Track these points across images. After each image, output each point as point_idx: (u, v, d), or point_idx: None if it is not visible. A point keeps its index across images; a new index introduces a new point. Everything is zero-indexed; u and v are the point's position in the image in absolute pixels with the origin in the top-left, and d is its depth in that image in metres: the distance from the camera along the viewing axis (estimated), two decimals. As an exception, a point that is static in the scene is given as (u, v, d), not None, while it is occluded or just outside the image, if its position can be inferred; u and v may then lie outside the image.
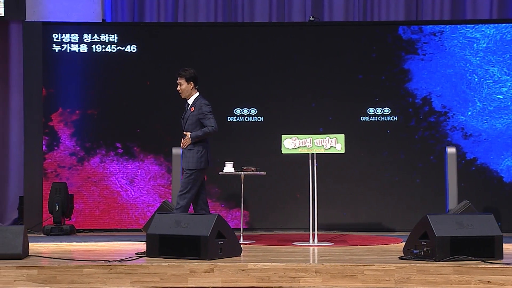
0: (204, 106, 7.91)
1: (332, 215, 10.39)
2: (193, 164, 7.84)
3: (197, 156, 7.85)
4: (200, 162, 7.86)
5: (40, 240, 9.11)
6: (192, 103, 7.99)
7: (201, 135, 7.87)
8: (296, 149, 8.49)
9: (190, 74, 8.01)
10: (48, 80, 10.60)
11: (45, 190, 10.43)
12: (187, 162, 7.87)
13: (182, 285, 6.45)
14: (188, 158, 7.87)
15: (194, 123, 7.91)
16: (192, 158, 7.85)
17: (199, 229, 6.92)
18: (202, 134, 7.86)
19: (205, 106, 7.92)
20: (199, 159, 7.85)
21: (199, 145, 7.88)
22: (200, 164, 7.87)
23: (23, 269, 6.45)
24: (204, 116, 7.88)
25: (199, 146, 7.88)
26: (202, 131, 7.86)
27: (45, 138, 10.58)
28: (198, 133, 7.86)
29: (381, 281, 6.36)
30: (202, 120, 7.88)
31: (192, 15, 11.46)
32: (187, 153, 7.89)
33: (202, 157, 7.88)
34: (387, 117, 10.67)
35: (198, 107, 7.92)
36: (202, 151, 7.89)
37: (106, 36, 10.70)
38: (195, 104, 7.95)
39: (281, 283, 6.43)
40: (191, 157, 7.85)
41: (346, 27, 10.97)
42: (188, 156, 7.88)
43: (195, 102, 7.97)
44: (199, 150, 7.87)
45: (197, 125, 7.90)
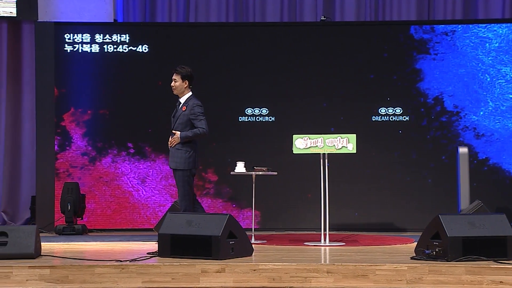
0: (196, 106, 7.81)
1: (343, 215, 10.37)
2: (180, 164, 7.74)
3: (185, 156, 7.76)
4: (188, 163, 7.77)
5: (52, 239, 9.14)
6: (184, 102, 7.89)
7: (191, 136, 7.77)
8: (308, 149, 8.48)
9: (186, 72, 7.92)
10: (60, 80, 10.64)
11: (57, 190, 10.46)
12: (175, 162, 7.77)
13: (193, 285, 6.46)
14: (176, 158, 7.77)
15: (185, 122, 7.81)
16: (180, 159, 7.75)
17: (210, 229, 6.93)
18: (192, 135, 7.77)
19: (197, 107, 7.82)
20: (187, 160, 7.76)
21: (187, 146, 7.79)
22: (188, 165, 7.77)
23: (36, 269, 6.47)
24: (195, 117, 7.78)
25: (187, 147, 7.79)
26: (193, 132, 7.76)
27: (57, 138, 10.61)
28: (188, 134, 7.76)
29: (393, 281, 6.34)
30: (193, 121, 7.78)
31: (204, 15, 11.47)
32: (175, 152, 7.79)
33: (190, 157, 7.78)
34: (398, 117, 10.65)
35: (190, 107, 7.82)
36: (190, 152, 7.79)
37: (117, 36, 10.72)
38: (187, 104, 7.85)
39: (293, 283, 6.42)
40: (178, 157, 7.76)
41: (358, 27, 10.95)
42: (175, 156, 7.78)
43: (188, 101, 7.88)
44: (187, 151, 7.77)
45: (187, 125, 7.80)
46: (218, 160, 10.61)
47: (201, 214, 7.63)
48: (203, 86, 10.65)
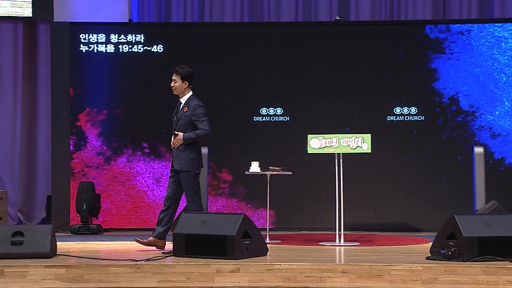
0: (198, 107, 7.74)
1: (358, 215, 10.35)
2: (185, 165, 7.67)
3: (188, 157, 7.68)
4: (193, 164, 7.70)
5: (68, 239, 9.17)
6: (185, 102, 7.82)
7: (194, 138, 7.70)
8: (322, 149, 8.47)
9: (186, 73, 7.83)
10: (75, 80, 10.67)
11: (72, 189, 10.50)
12: (179, 164, 7.70)
13: (208, 284, 6.47)
14: (180, 160, 7.71)
15: (187, 123, 7.74)
16: (184, 160, 7.68)
17: (225, 228, 6.93)
18: (194, 137, 7.69)
19: (199, 108, 7.74)
20: (191, 161, 7.69)
21: (191, 147, 7.72)
22: (193, 166, 7.70)
23: (51, 268, 6.50)
24: (197, 118, 7.71)
25: (191, 148, 7.71)
26: (195, 134, 7.69)
27: (73, 138, 10.64)
28: (191, 135, 7.69)
29: (408, 281, 6.33)
30: (196, 122, 7.71)
31: (218, 15, 11.48)
32: (179, 154, 7.72)
33: (193, 159, 7.72)
34: (414, 116, 10.61)
35: (191, 108, 7.74)
36: (193, 153, 7.72)
37: (132, 36, 10.74)
38: (188, 104, 7.77)
39: (307, 283, 6.42)
40: (182, 158, 7.69)
41: (373, 27, 10.93)
42: (179, 158, 7.72)
43: (188, 102, 7.80)
44: (191, 152, 7.70)
45: (189, 126, 7.73)
46: (233, 159, 10.61)
47: (216, 214, 7.63)
48: (218, 86, 10.70)
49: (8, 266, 6.50)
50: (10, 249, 6.94)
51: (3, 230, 7.09)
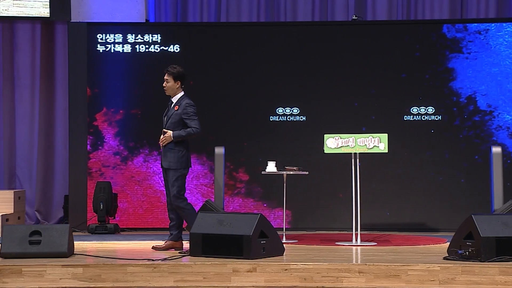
0: (189, 106, 7.75)
1: (375, 215, 10.33)
2: (173, 164, 7.69)
3: (177, 156, 7.70)
4: (181, 162, 7.72)
5: (85, 238, 9.21)
6: (177, 101, 7.83)
7: (184, 136, 7.71)
8: (339, 149, 8.46)
9: (178, 73, 7.84)
10: (92, 80, 10.71)
11: (89, 189, 10.54)
12: (168, 162, 7.72)
13: (225, 284, 6.47)
14: (169, 158, 7.72)
15: (177, 122, 7.74)
16: (173, 158, 7.70)
17: (242, 228, 6.94)
18: (185, 135, 7.71)
19: (190, 106, 7.75)
20: (180, 159, 7.71)
21: (180, 145, 7.74)
22: (181, 164, 7.72)
23: (69, 268, 6.53)
24: (188, 116, 7.72)
25: (180, 146, 7.74)
26: (186, 132, 7.70)
27: (90, 137, 10.68)
28: (181, 133, 7.70)
29: (425, 282, 6.31)
30: (186, 120, 7.72)
31: (235, 15, 11.48)
32: (168, 152, 7.74)
33: (183, 157, 7.73)
34: (431, 116, 10.58)
35: (182, 107, 7.75)
36: (183, 151, 7.73)
37: (149, 36, 10.77)
38: (180, 103, 7.79)
39: (324, 283, 6.41)
40: (172, 157, 7.70)
41: (390, 26, 10.90)
42: (168, 156, 7.73)
43: (180, 101, 7.81)
44: (180, 150, 7.72)
45: (180, 124, 7.74)
46: (249, 159, 10.62)
47: (232, 213, 7.63)
48: (234, 85, 10.71)
49: (26, 265, 6.54)
50: (28, 249, 6.98)
51: (21, 230, 7.14)
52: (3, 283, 6.45)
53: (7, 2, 10.63)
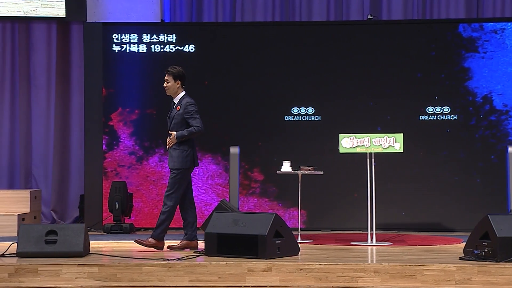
0: (190, 105, 7.74)
1: (390, 215, 10.30)
2: (178, 163, 7.68)
3: (182, 155, 7.69)
4: (186, 162, 7.71)
5: (100, 238, 9.24)
6: (178, 102, 7.81)
7: (187, 135, 7.69)
8: (354, 148, 8.45)
9: (178, 73, 7.83)
10: (108, 80, 10.74)
11: (105, 188, 10.57)
12: (173, 162, 7.71)
13: (240, 284, 6.48)
14: (174, 158, 7.71)
15: (180, 122, 7.74)
16: (178, 158, 7.69)
17: (257, 228, 6.94)
18: (187, 134, 7.69)
19: (191, 105, 7.74)
20: (185, 159, 7.70)
21: (185, 145, 7.72)
22: (186, 164, 7.71)
23: (84, 267, 6.55)
24: (190, 115, 7.71)
25: (185, 146, 7.72)
26: (188, 131, 7.68)
27: (105, 137, 10.72)
28: (184, 133, 7.68)
29: (441, 282, 6.29)
30: (188, 119, 7.71)
31: (250, 15, 11.48)
32: (173, 152, 7.73)
33: (187, 156, 7.72)
34: (446, 116, 10.54)
35: (184, 106, 7.74)
36: (187, 151, 7.72)
37: (164, 36, 10.79)
38: (181, 103, 7.77)
39: (339, 283, 6.40)
40: (176, 156, 7.70)
41: (405, 25, 10.87)
42: (173, 156, 7.72)
43: (181, 101, 7.79)
44: (185, 150, 7.70)
45: (183, 124, 7.73)
46: (264, 159, 10.62)
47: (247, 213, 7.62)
48: (249, 85, 10.71)
49: (42, 264, 6.57)
50: (44, 248, 7.01)
51: (37, 229, 7.17)
52: (19, 282, 6.48)
53: (35, 2, 10.69)
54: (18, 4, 10.72)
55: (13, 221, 9.93)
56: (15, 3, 10.71)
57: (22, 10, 10.71)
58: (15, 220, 9.94)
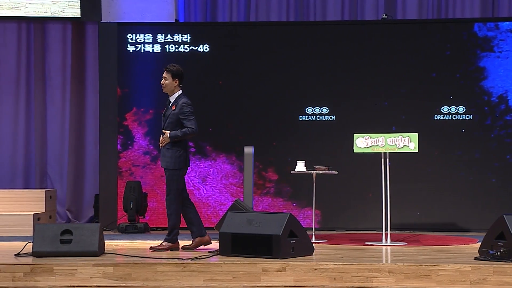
0: (186, 106, 7.68)
1: (405, 215, 10.27)
2: (171, 164, 7.64)
3: (175, 156, 7.65)
4: (179, 162, 7.67)
5: (115, 237, 9.26)
6: (174, 101, 7.76)
7: (180, 136, 7.64)
8: (369, 148, 8.43)
9: (177, 71, 7.78)
10: (122, 80, 10.77)
11: (119, 188, 10.60)
12: (166, 162, 7.68)
13: (254, 283, 6.48)
14: (166, 158, 7.67)
15: (175, 121, 7.68)
16: (170, 158, 7.65)
17: (271, 228, 6.94)
18: (181, 135, 7.63)
19: (187, 106, 7.68)
20: (177, 159, 7.66)
21: (178, 145, 7.67)
22: (179, 164, 7.67)
23: (99, 266, 6.57)
24: (185, 116, 7.65)
25: (178, 146, 7.67)
26: (182, 132, 7.63)
27: (120, 137, 10.74)
28: (178, 133, 7.63)
29: (456, 282, 6.27)
30: (183, 120, 7.65)
31: (264, 15, 11.48)
32: (166, 152, 7.69)
33: (180, 157, 7.67)
34: (461, 115, 10.50)
35: (179, 106, 7.68)
36: (180, 151, 7.67)
37: (179, 36, 10.81)
38: (177, 103, 7.71)
39: (354, 283, 6.39)
40: (169, 156, 7.65)
41: (420, 25, 10.83)
42: (166, 156, 7.68)
43: (177, 100, 7.74)
44: (178, 150, 7.66)
45: (177, 124, 7.67)
46: (279, 159, 10.61)
47: (261, 213, 7.62)
48: (263, 85, 10.71)
49: (58, 264, 6.60)
50: (59, 247, 7.04)
51: (53, 229, 7.20)
52: (35, 281, 6.51)
53: (62, 3, 10.75)
54: (46, 5, 10.79)
55: (28, 220, 9.98)
56: (42, 3, 10.77)
57: (50, 10, 10.78)
58: (31, 219, 9.99)
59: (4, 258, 6.96)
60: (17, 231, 9.81)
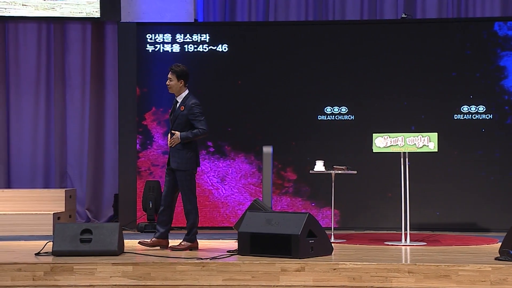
0: (195, 106, 7.64)
1: (424, 215, 10.23)
2: (182, 165, 7.62)
3: (186, 156, 7.63)
4: (190, 163, 7.66)
5: (134, 237, 9.28)
6: (182, 101, 7.72)
7: (191, 137, 7.62)
8: (388, 148, 8.41)
9: (181, 71, 7.74)
10: (142, 79, 10.80)
11: (139, 188, 10.63)
12: (177, 163, 7.65)
13: (273, 283, 6.47)
14: (177, 159, 7.65)
15: (184, 122, 7.65)
16: (182, 159, 7.63)
17: (290, 227, 6.93)
18: (192, 136, 7.61)
19: (196, 107, 7.64)
20: (189, 160, 7.64)
21: (188, 146, 7.66)
22: (191, 165, 7.67)
23: (119, 266, 6.59)
24: (195, 117, 7.62)
25: (188, 147, 7.65)
26: (193, 133, 7.61)
27: (139, 137, 10.77)
28: (188, 135, 7.61)
29: (477, 282, 6.23)
30: (193, 121, 7.62)
31: (283, 14, 11.48)
32: (175, 153, 7.67)
33: (191, 158, 7.66)
34: (481, 115, 10.44)
35: (188, 107, 7.65)
36: (191, 152, 7.66)
37: (198, 36, 10.82)
38: (185, 103, 7.68)
39: (373, 283, 6.37)
40: (180, 157, 7.63)
41: (440, 24, 10.78)
42: (176, 157, 7.66)
43: (185, 100, 7.70)
44: (188, 151, 7.64)
45: (186, 125, 7.64)
46: (297, 159, 10.60)
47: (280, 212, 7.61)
48: (282, 85, 10.71)
49: (77, 263, 6.63)
50: (79, 247, 7.07)
51: (72, 228, 7.23)
52: (55, 280, 6.55)
53: (96, 4, 10.82)
54: (81, 5, 10.87)
55: (48, 220, 10.04)
56: (77, 4, 10.86)
57: (85, 11, 10.86)
58: (51, 219, 10.04)
59: (25, 257, 7.00)
60: (37, 230, 9.87)
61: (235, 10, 11.60)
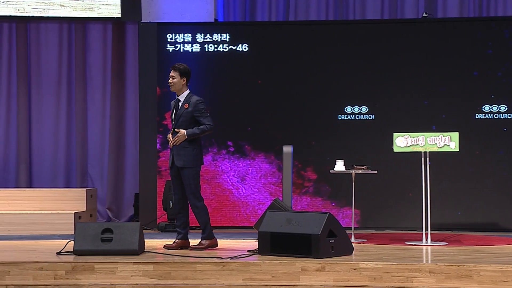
0: (200, 103, 7.67)
1: (445, 215, 10.19)
2: (189, 162, 7.61)
3: (192, 154, 7.62)
4: (197, 160, 7.67)
5: (155, 236, 9.32)
6: (185, 99, 7.73)
7: (199, 133, 7.62)
8: (408, 147, 8.38)
9: (185, 70, 7.74)
10: (162, 79, 10.81)
11: (159, 187, 10.66)
12: (183, 161, 7.62)
13: (293, 283, 6.47)
14: (183, 156, 7.62)
15: (189, 120, 7.65)
16: (188, 156, 7.61)
17: (310, 227, 6.92)
18: (199, 132, 7.62)
19: (201, 103, 7.67)
20: (195, 157, 7.65)
21: (194, 143, 7.66)
22: (197, 162, 7.67)
23: (140, 265, 6.62)
24: (201, 113, 7.64)
25: (194, 144, 7.66)
26: (200, 129, 7.62)
27: (159, 136, 10.80)
28: (196, 131, 7.61)
29: (499, 283, 6.19)
30: (199, 118, 7.63)
31: (303, 13, 11.47)
32: (181, 151, 7.63)
33: (197, 155, 7.67)
34: (503, 114, 10.38)
35: (193, 104, 7.66)
36: (196, 149, 7.67)
37: (218, 35, 10.84)
38: (189, 101, 7.69)
39: (394, 283, 6.35)
40: (186, 155, 7.61)
41: (461, 23, 10.72)
42: (182, 155, 7.62)
43: (188, 99, 7.71)
44: (194, 148, 7.65)
45: (192, 122, 7.65)
46: (318, 158, 10.59)
47: (300, 212, 7.60)
48: (302, 84, 10.70)
49: (98, 262, 6.65)
50: (100, 246, 7.10)
51: (93, 227, 7.26)
52: (76, 279, 6.58)
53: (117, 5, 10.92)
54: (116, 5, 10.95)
55: (69, 219, 10.09)
56: (108, 4, 10.93)
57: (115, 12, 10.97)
58: (72, 218, 10.10)
59: (46, 256, 7.04)
60: (58, 229, 9.93)
61: (255, 9, 11.61)
